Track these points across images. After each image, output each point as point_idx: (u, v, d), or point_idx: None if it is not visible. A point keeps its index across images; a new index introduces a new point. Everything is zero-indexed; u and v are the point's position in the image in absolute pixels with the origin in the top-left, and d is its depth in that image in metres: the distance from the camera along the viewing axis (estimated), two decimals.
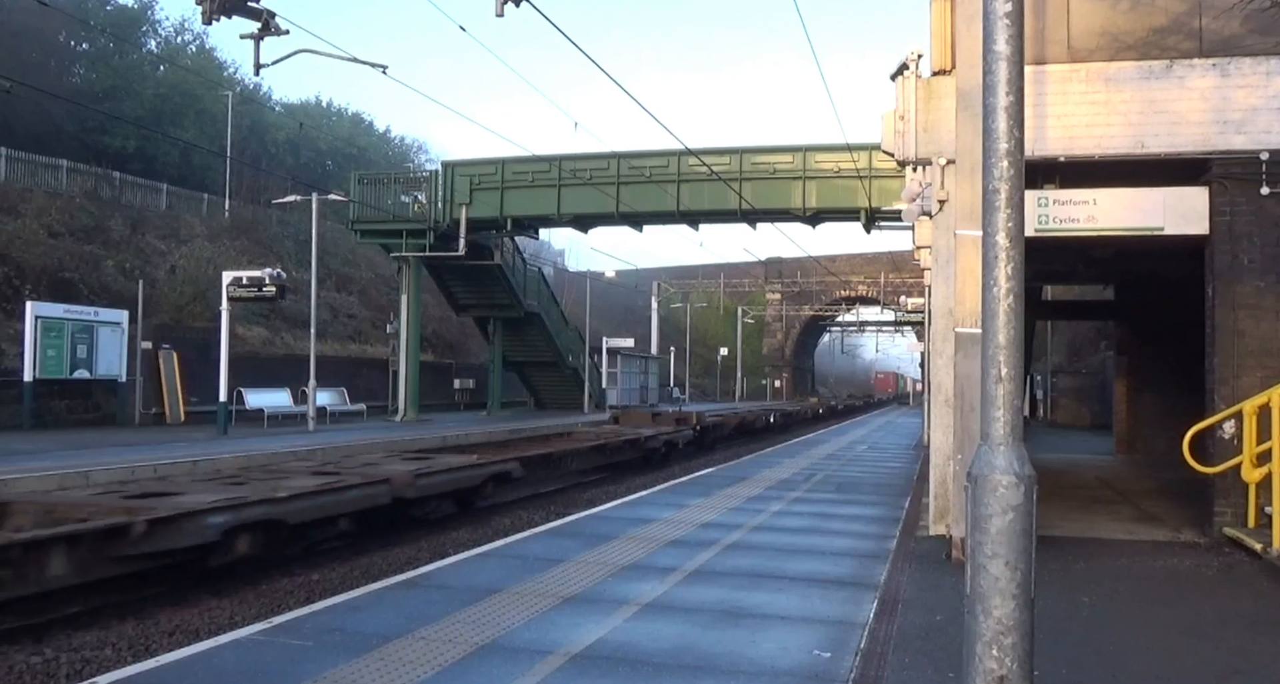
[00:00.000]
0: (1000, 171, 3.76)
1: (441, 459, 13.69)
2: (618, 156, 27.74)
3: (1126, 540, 8.94)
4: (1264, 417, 8.04)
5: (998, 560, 3.59)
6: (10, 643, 6.96)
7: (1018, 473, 3.62)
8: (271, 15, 12.46)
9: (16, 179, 29.17)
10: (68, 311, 21.51)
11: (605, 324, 51.40)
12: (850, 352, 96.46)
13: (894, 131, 9.23)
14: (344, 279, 39.12)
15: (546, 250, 64.58)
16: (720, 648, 5.30)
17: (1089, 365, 33.21)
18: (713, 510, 10.76)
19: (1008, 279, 3.73)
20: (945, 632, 5.54)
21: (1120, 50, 8.64)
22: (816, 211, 26.54)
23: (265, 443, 17.80)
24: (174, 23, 46.57)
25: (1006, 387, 3.70)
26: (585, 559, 7.78)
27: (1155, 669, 5.13)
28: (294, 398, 26.07)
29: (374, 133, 57.25)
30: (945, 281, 8.84)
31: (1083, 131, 8.61)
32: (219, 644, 5.38)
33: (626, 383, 45.44)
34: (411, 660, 4.99)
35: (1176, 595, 6.87)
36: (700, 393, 62.29)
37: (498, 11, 10.35)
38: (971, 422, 7.42)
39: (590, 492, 16.22)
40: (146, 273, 27.72)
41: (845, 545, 8.70)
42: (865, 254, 69.73)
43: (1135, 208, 8.74)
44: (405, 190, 29.75)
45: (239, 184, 39.34)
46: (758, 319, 71.53)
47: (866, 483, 14.29)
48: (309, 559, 10.27)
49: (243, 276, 21.35)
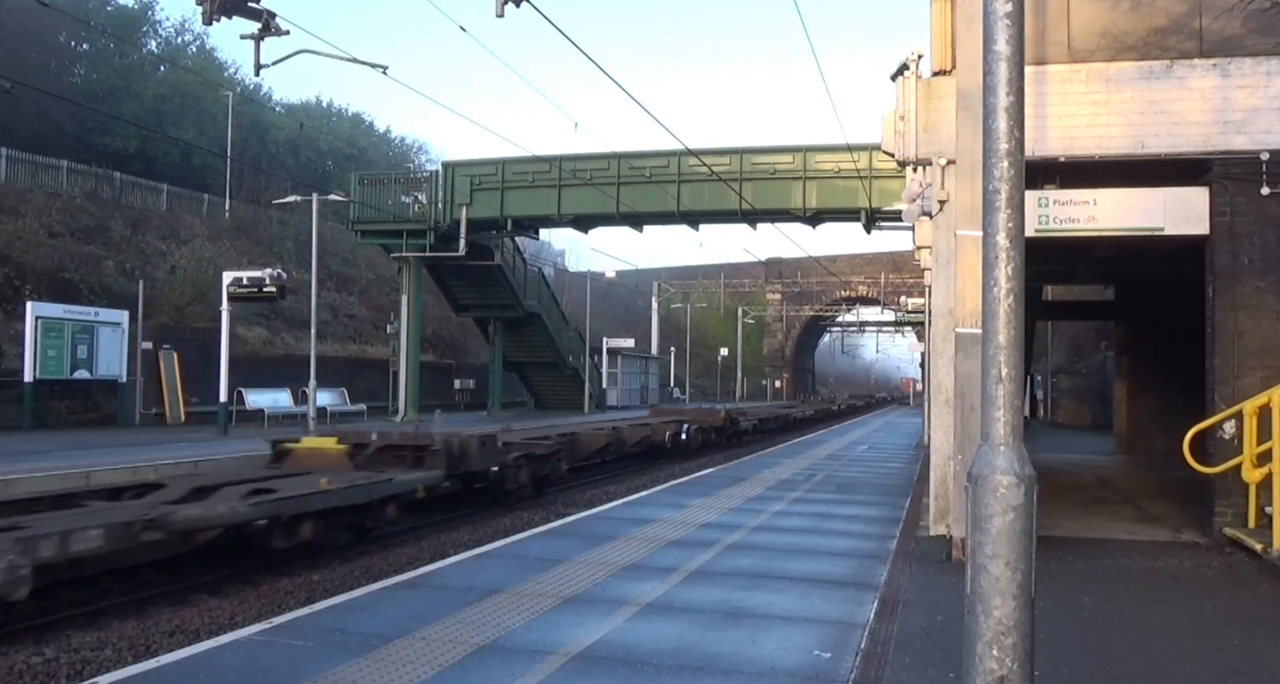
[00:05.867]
0: (1000, 172, 3.76)
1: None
2: (618, 157, 27.76)
3: (1127, 541, 8.94)
4: (1264, 417, 8.03)
5: (998, 561, 3.59)
6: (10, 643, 6.96)
7: (1018, 473, 3.62)
8: (272, 15, 12.45)
9: (17, 179, 29.19)
10: (68, 312, 21.52)
11: (605, 324, 51.39)
12: (850, 352, 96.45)
13: (894, 132, 9.23)
14: (344, 279, 39.11)
15: (547, 250, 64.68)
16: (720, 648, 5.31)
17: (1089, 365, 33.20)
18: (713, 510, 10.77)
19: (1008, 279, 3.72)
20: (945, 632, 5.54)
21: (1121, 50, 8.63)
22: (816, 212, 26.56)
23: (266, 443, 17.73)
24: (174, 23, 46.55)
25: (1007, 387, 3.70)
26: (585, 559, 7.78)
27: (1155, 669, 5.13)
28: (294, 398, 26.07)
29: (374, 133, 57.21)
30: (945, 282, 8.84)
31: (1083, 132, 8.61)
32: (219, 644, 5.39)
33: (626, 383, 45.41)
34: (412, 660, 4.99)
35: (1177, 596, 6.87)
36: (700, 393, 62.21)
37: (498, 12, 10.35)
38: (972, 422, 7.42)
39: (590, 492, 16.22)
40: (147, 273, 27.72)
41: (846, 546, 8.70)
42: (865, 254, 69.73)
43: (1135, 208, 8.73)
44: (405, 190, 29.77)
45: (239, 184, 39.33)
46: (758, 319, 71.54)
47: (867, 483, 14.29)
48: (309, 559, 10.27)
49: (243, 277, 21.36)
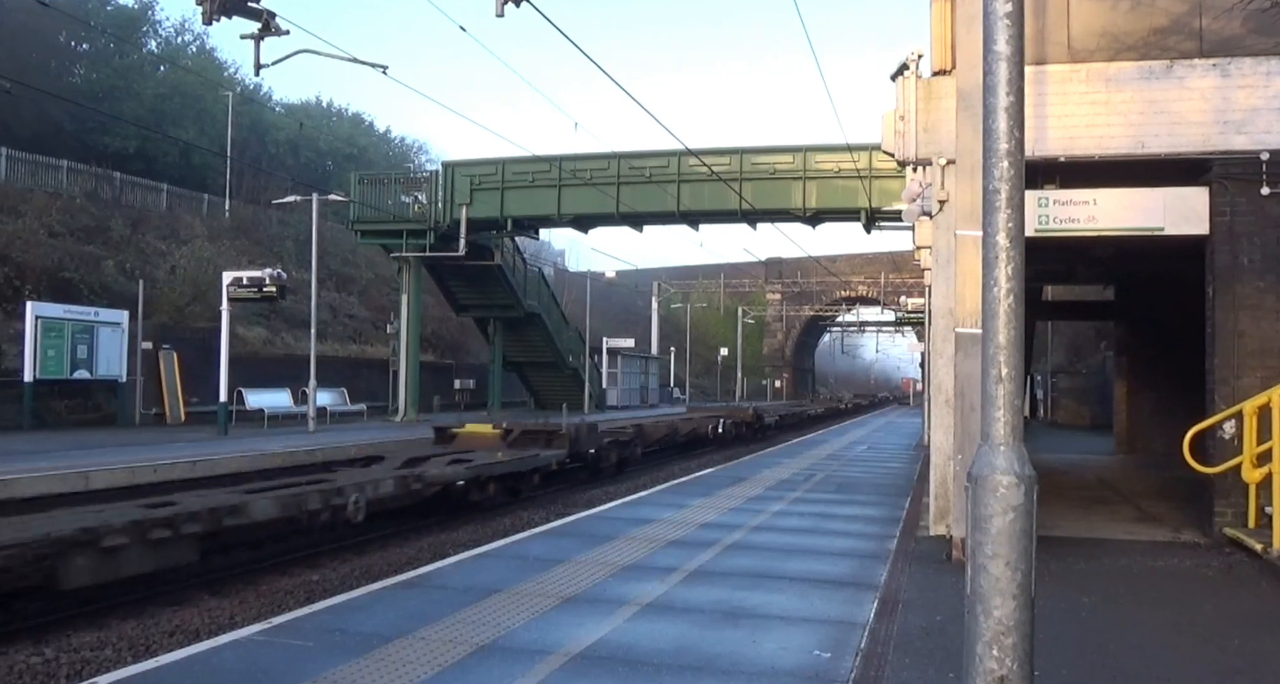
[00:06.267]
0: (1000, 172, 3.76)
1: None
2: (618, 157, 27.74)
3: (1127, 541, 8.94)
4: (1264, 417, 8.03)
5: (998, 561, 3.59)
6: (10, 643, 6.96)
7: (1018, 473, 3.62)
8: (272, 15, 12.45)
9: (17, 179, 29.18)
10: (68, 312, 21.51)
11: (605, 324, 51.38)
12: (850, 352, 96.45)
13: (894, 132, 9.23)
14: (344, 279, 39.09)
15: (546, 250, 64.66)
16: (720, 648, 5.30)
17: (1089, 365, 33.20)
18: (713, 510, 10.76)
19: (1008, 279, 3.72)
20: (945, 632, 5.54)
21: (1121, 50, 8.63)
22: (816, 212, 26.55)
23: (266, 443, 17.80)
24: (174, 23, 46.57)
25: (1007, 387, 3.70)
26: (585, 559, 7.78)
27: (1155, 669, 5.13)
28: (294, 398, 26.07)
29: (374, 133, 57.21)
30: (945, 282, 8.84)
31: (1083, 132, 8.61)
32: (219, 644, 5.39)
33: (626, 383, 45.36)
34: (411, 660, 4.99)
35: (1177, 596, 6.87)
36: (700, 393, 62.23)
37: (498, 12, 10.35)
38: (972, 422, 7.42)
39: (590, 492, 16.22)
40: (147, 273, 27.70)
41: (845, 546, 8.70)
42: (865, 254, 69.74)
43: (1135, 208, 8.73)
44: (405, 190, 29.74)
45: (239, 184, 39.32)
46: (758, 319, 71.54)
47: (867, 483, 14.29)
48: (309, 559, 10.28)
49: (243, 277, 21.35)
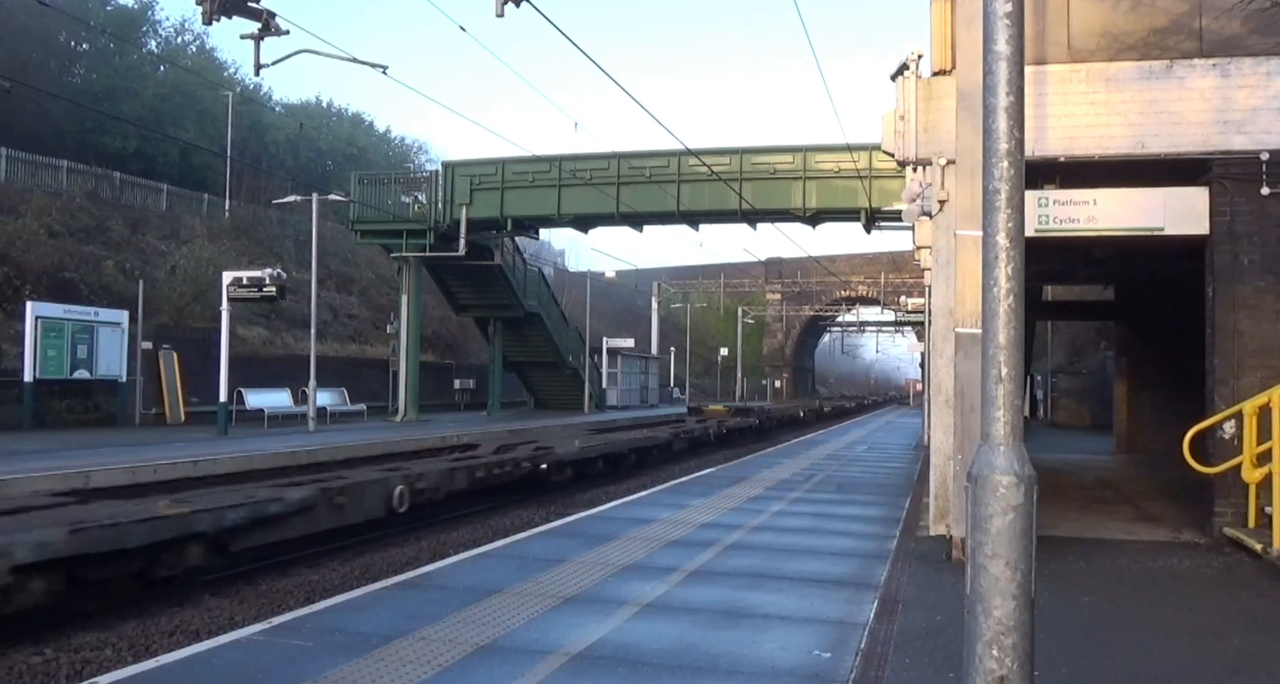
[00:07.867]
0: (1000, 172, 3.76)
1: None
2: (618, 157, 27.72)
3: (1127, 540, 8.94)
4: (1264, 417, 8.03)
5: (998, 561, 3.59)
6: (10, 643, 6.96)
7: (1018, 473, 3.62)
8: (271, 15, 12.45)
9: (17, 179, 29.16)
10: (68, 312, 21.49)
11: (605, 324, 51.39)
12: (850, 352, 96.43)
13: (894, 132, 9.23)
14: (344, 279, 39.08)
15: (546, 250, 64.66)
16: (721, 648, 5.30)
17: (1089, 365, 33.20)
18: (713, 511, 10.76)
19: (1008, 279, 3.72)
20: (945, 632, 5.54)
21: (1121, 50, 8.63)
22: (816, 212, 26.53)
23: (266, 443, 17.80)
24: (174, 23, 46.43)
25: (1007, 386, 3.70)
26: (585, 559, 7.78)
27: (1155, 669, 5.13)
28: (294, 398, 26.06)
29: (374, 133, 57.18)
30: (945, 282, 8.84)
31: (1083, 132, 8.61)
32: (219, 644, 5.39)
33: (626, 383, 45.37)
34: (411, 660, 4.99)
35: (1176, 595, 6.87)
36: (701, 393, 62.20)
37: (498, 12, 10.35)
38: (972, 422, 7.42)
39: (591, 492, 16.22)
40: (147, 273, 27.70)
41: (845, 546, 8.70)
42: (865, 254, 69.69)
43: (1135, 208, 8.74)
44: (405, 190, 29.71)
45: (239, 184, 39.30)
46: (758, 319, 71.50)
47: (867, 483, 14.29)
48: (309, 559, 10.28)
49: (243, 277, 21.33)
